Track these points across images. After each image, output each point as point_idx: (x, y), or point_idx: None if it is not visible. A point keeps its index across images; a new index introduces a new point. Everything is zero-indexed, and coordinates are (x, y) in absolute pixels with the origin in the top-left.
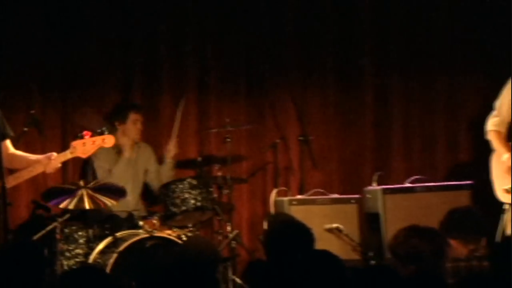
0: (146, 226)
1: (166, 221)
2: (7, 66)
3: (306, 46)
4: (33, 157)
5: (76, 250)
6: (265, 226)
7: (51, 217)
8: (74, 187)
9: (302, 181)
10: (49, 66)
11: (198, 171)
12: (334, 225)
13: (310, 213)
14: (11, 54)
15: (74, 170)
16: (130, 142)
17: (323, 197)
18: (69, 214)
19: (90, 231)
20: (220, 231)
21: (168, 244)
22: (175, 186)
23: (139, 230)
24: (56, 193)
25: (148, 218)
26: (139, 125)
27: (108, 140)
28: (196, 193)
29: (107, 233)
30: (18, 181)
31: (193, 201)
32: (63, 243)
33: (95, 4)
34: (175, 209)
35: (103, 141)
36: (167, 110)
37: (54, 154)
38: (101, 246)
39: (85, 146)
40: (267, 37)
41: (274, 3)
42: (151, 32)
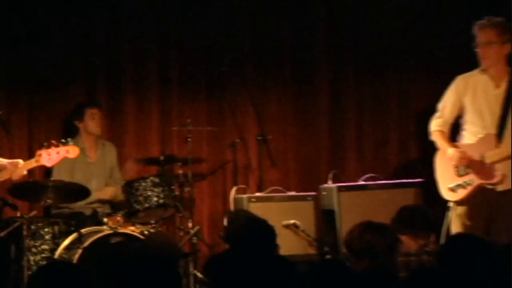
0: (110, 223)
1: (130, 218)
2: None
3: (264, 50)
4: (0, 163)
5: (43, 246)
6: (225, 223)
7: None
8: (41, 184)
9: (261, 179)
10: (15, 68)
11: (161, 170)
12: (291, 221)
13: (268, 210)
14: None
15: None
16: (93, 140)
17: (281, 195)
18: (36, 211)
19: (56, 228)
20: (182, 227)
21: (132, 240)
22: (138, 184)
23: (103, 227)
24: (22, 190)
25: (112, 215)
26: (97, 119)
27: (72, 151)
28: (159, 191)
29: (73, 230)
30: None
31: (156, 199)
32: (30, 239)
33: (59, 6)
34: (138, 206)
35: (67, 152)
36: (131, 110)
37: (21, 162)
38: (67, 242)
39: (50, 156)
40: (227, 41)
41: (233, 8)
42: (114, 34)
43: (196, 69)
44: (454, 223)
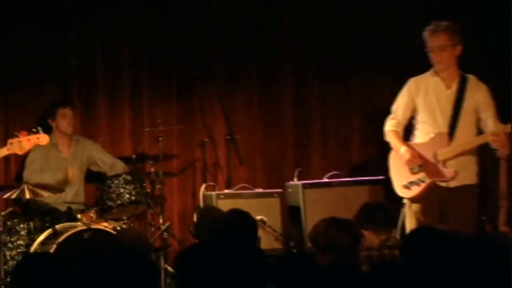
0: (84, 219)
1: (103, 214)
2: None
3: (231, 52)
4: None
5: (18, 242)
6: (195, 219)
7: None
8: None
9: (229, 177)
10: None
11: (133, 168)
12: (259, 217)
13: (236, 206)
14: None
15: (16, 165)
16: (66, 137)
17: (248, 191)
18: (12, 208)
19: (31, 224)
20: (153, 223)
21: (105, 236)
22: (111, 182)
23: (77, 223)
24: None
25: (86, 211)
26: (69, 119)
27: (43, 139)
28: (131, 188)
29: (47, 225)
30: None
31: (128, 196)
32: (6, 235)
33: (32, 7)
34: (111, 203)
35: (38, 139)
36: (103, 111)
37: None
38: (42, 238)
39: (21, 144)
40: (196, 44)
41: (202, 12)
42: (87, 36)
43: (167, 71)
44: (409, 219)
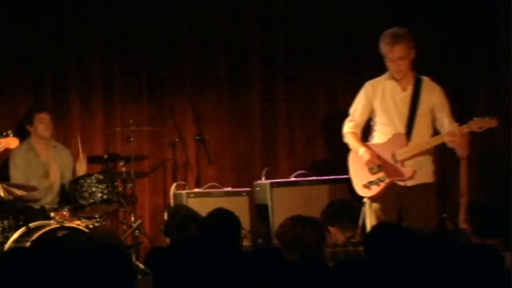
0: (57, 217)
1: (76, 213)
2: None
3: (201, 54)
4: None
5: None
6: (165, 217)
7: None
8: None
9: (199, 176)
10: None
11: (105, 167)
12: None
13: (206, 205)
14: None
15: None
16: (44, 142)
17: (218, 190)
18: None
19: (6, 222)
20: (125, 221)
21: (77, 234)
22: (84, 181)
23: (51, 221)
24: None
25: (59, 210)
26: (46, 123)
27: (12, 142)
28: (103, 187)
29: (21, 224)
30: None
31: (100, 194)
32: None
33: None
34: (84, 202)
35: (7, 143)
36: (76, 112)
37: None
38: (16, 236)
39: None
40: (166, 46)
41: (171, 15)
42: (60, 39)
43: (138, 73)
44: (370, 217)
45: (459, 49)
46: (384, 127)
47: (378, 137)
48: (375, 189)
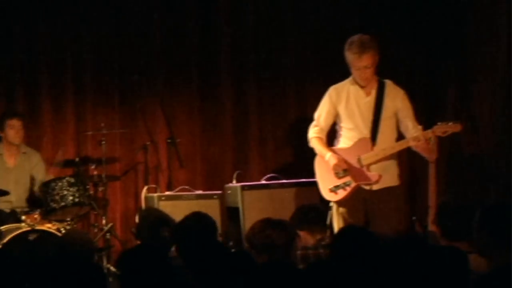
0: (28, 220)
1: (47, 216)
2: None
3: (172, 58)
4: None
5: None
6: (137, 220)
7: None
8: None
9: (170, 179)
10: None
11: (76, 170)
12: None
13: (177, 208)
14: None
15: None
16: (13, 148)
17: (189, 193)
18: None
19: None
20: (96, 224)
21: (48, 237)
22: (55, 184)
23: (22, 224)
24: None
25: (30, 213)
26: (17, 130)
27: None
28: (74, 190)
29: None
30: None
31: (71, 197)
32: None
33: None
34: (55, 205)
35: None
36: (47, 115)
37: None
38: None
39: None
40: (138, 50)
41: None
42: (31, 40)
43: (109, 76)
44: (336, 221)
45: (427, 53)
46: (349, 132)
47: (344, 142)
48: (342, 193)
